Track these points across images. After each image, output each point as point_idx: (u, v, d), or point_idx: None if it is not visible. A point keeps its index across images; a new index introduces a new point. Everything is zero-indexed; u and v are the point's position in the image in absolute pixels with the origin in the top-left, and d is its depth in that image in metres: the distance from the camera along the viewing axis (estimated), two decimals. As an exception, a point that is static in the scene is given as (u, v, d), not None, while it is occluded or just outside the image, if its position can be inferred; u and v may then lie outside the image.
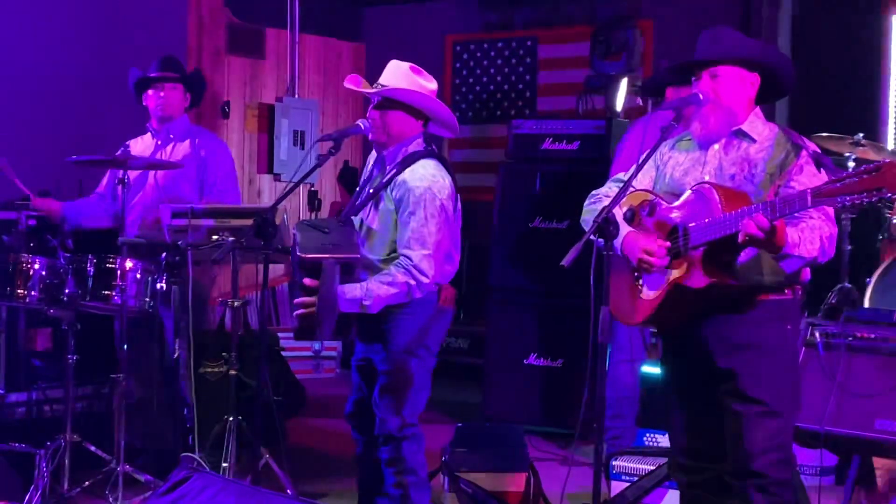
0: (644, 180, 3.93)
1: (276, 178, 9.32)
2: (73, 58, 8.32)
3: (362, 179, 4.63)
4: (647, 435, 5.31)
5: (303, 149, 9.34)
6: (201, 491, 3.35)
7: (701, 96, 3.83)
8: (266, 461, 5.05)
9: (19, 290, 4.94)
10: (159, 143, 5.82)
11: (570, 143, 6.81)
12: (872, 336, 4.51)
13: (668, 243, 3.69)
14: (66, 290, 4.91)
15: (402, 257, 4.22)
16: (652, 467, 4.95)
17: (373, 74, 4.51)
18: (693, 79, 3.80)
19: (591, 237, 3.58)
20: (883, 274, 5.61)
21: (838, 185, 3.22)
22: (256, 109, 9.22)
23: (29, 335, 6.24)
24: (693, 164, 3.83)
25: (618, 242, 3.78)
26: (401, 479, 4.38)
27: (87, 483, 5.07)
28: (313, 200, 9.33)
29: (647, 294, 3.75)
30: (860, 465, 4.57)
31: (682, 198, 3.73)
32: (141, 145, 5.85)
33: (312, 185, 9.41)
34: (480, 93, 9.46)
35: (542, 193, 6.88)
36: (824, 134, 5.88)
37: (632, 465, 5.07)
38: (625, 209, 3.81)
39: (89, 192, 6.05)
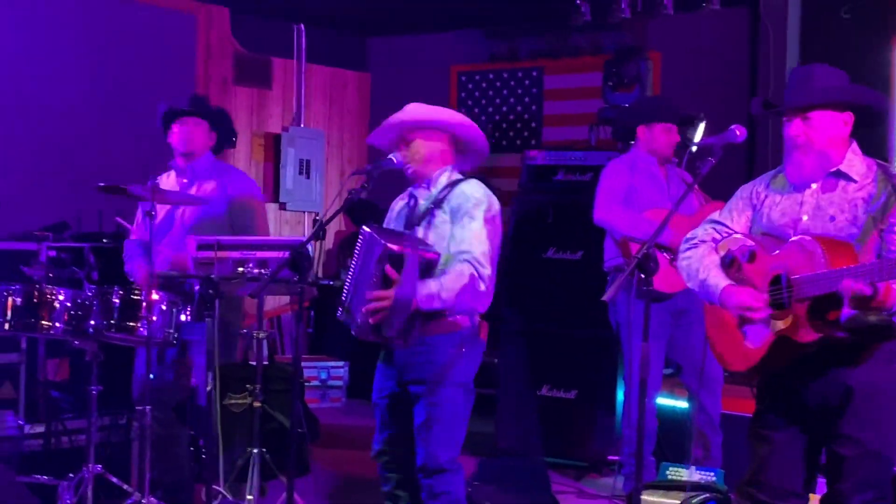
0: (741, 221, 3.89)
1: (282, 206, 9.33)
2: (81, 87, 8.31)
3: (392, 214, 4.62)
4: (671, 469, 5.26)
5: (308, 178, 9.36)
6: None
7: (738, 133, 3.86)
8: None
9: (44, 322, 4.91)
10: (185, 181, 5.59)
11: (584, 175, 6.82)
12: None
13: (768, 296, 3.63)
14: (92, 322, 4.90)
15: (460, 253, 4.22)
16: (677, 502, 4.94)
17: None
18: (784, 120, 3.76)
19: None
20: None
21: None
22: (263, 139, 9.24)
23: (46, 366, 6.21)
24: (790, 204, 3.76)
25: (716, 295, 3.76)
26: None
27: (110, 515, 5.06)
28: (318, 230, 9.30)
29: (752, 343, 3.69)
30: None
31: (783, 246, 3.65)
32: (165, 184, 5.57)
33: (318, 214, 9.43)
34: (486, 123, 9.44)
35: (556, 224, 6.91)
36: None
37: (655, 499, 5.05)
38: (723, 253, 3.79)
39: (108, 222, 5.96)
